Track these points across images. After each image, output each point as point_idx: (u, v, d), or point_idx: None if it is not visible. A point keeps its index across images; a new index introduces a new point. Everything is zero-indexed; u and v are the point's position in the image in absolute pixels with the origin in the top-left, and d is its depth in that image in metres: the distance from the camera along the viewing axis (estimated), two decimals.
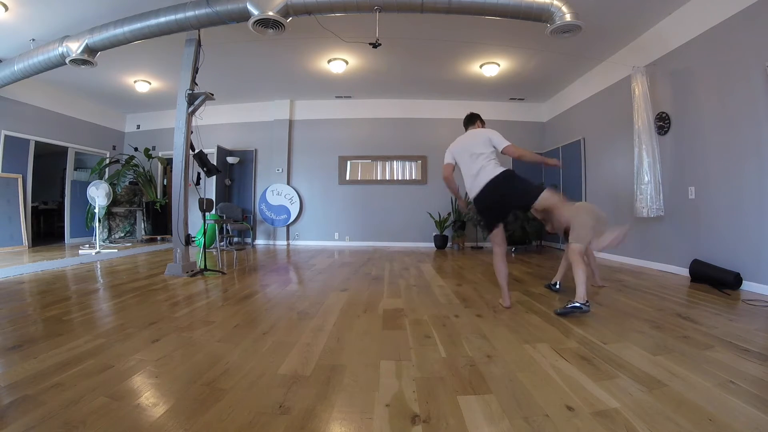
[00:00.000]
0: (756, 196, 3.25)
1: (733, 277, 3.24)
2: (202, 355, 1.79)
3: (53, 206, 8.19)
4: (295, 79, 6.47)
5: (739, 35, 3.38)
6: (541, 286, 3.49)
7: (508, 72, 5.96)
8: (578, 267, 2.49)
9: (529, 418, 1.24)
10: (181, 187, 4.00)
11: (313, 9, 3.59)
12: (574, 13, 3.43)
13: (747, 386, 1.45)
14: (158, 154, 7.96)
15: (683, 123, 4.06)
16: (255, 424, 1.20)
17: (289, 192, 7.60)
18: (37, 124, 6.47)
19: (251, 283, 3.63)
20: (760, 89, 3.19)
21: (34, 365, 1.62)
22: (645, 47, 4.57)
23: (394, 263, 5.05)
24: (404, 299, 2.98)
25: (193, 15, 3.78)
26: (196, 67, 4.15)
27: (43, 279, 3.70)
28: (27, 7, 4.09)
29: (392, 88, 6.95)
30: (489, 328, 2.23)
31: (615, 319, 2.36)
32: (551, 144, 7.29)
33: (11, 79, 4.91)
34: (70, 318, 2.37)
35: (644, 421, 1.21)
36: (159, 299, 2.93)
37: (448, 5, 3.53)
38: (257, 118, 7.81)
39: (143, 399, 1.36)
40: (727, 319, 2.40)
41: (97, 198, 5.88)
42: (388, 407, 1.32)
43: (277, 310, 2.64)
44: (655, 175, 4.21)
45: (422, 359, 1.75)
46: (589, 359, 1.74)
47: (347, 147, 7.68)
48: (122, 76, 6.17)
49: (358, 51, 5.23)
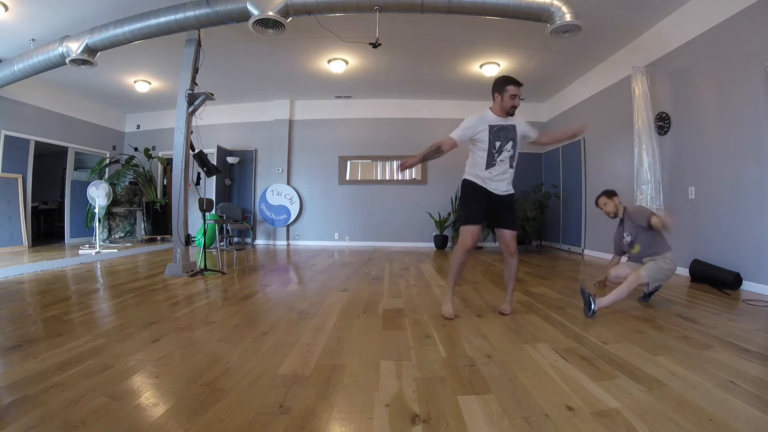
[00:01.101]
0: (756, 196, 3.25)
1: (733, 277, 3.23)
2: (202, 355, 1.79)
3: (53, 206, 8.19)
4: (295, 79, 6.47)
5: (739, 35, 3.38)
6: (540, 285, 3.49)
7: (508, 72, 5.94)
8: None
9: (529, 418, 1.24)
10: (181, 187, 4.00)
11: (313, 9, 3.59)
12: (574, 13, 3.43)
13: (747, 386, 1.45)
14: (158, 154, 7.96)
15: (683, 123, 4.06)
16: (255, 424, 1.20)
17: (289, 192, 7.60)
18: (37, 124, 6.47)
19: (251, 283, 3.63)
20: (760, 89, 3.19)
21: (34, 365, 1.62)
22: (645, 47, 4.57)
23: (394, 263, 5.04)
24: (404, 299, 2.98)
25: (193, 15, 3.78)
26: (196, 67, 4.15)
27: (43, 279, 3.70)
28: (27, 7, 4.09)
29: (392, 88, 6.95)
30: (489, 328, 2.23)
31: (615, 319, 2.36)
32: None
33: (11, 79, 4.91)
34: (70, 318, 2.37)
35: (644, 421, 1.21)
36: (159, 299, 2.93)
37: (448, 5, 3.53)
38: (257, 118, 7.81)
39: (143, 399, 1.36)
40: (727, 319, 2.40)
41: (97, 198, 5.88)
42: (388, 407, 1.32)
43: (277, 310, 2.64)
44: (655, 175, 4.21)
45: (422, 359, 1.75)
46: (589, 359, 1.74)
47: (347, 147, 7.68)
48: (122, 76, 6.17)
49: (358, 51, 5.23)
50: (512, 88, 2.37)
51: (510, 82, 2.39)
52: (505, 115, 2.43)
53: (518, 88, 2.39)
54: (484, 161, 2.43)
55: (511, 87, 2.37)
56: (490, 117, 2.44)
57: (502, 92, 2.40)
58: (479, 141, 2.42)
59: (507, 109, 2.42)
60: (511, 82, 2.39)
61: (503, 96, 2.40)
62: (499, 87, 2.42)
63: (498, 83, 2.44)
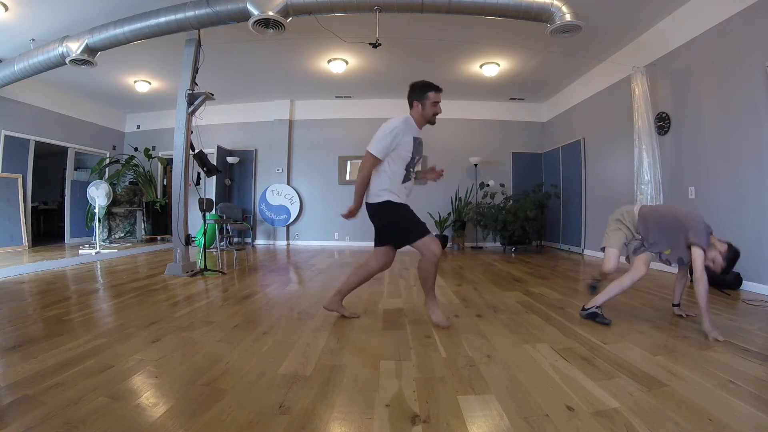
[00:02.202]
0: (756, 196, 3.25)
1: (733, 277, 3.23)
2: (202, 355, 1.79)
3: (53, 206, 8.19)
4: (295, 79, 6.47)
5: (739, 35, 3.38)
6: (540, 285, 3.48)
7: (508, 72, 5.96)
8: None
9: (529, 418, 1.24)
10: (181, 187, 4.00)
11: (313, 9, 3.59)
12: (574, 13, 3.43)
13: (747, 386, 1.45)
14: (158, 154, 7.96)
15: (683, 123, 4.06)
16: (255, 424, 1.20)
17: (289, 192, 7.60)
18: (37, 124, 6.47)
19: (251, 283, 3.63)
20: (760, 89, 3.19)
21: (34, 365, 1.62)
22: (645, 47, 4.57)
23: (394, 263, 5.03)
24: (404, 299, 2.98)
25: (193, 15, 3.78)
26: (196, 67, 4.14)
27: (43, 279, 3.70)
28: (27, 7, 4.09)
29: (392, 88, 6.94)
30: (489, 328, 2.23)
31: (615, 319, 2.36)
32: (551, 144, 7.29)
33: (11, 79, 4.91)
34: (70, 318, 2.37)
35: (644, 421, 1.21)
36: (159, 299, 2.93)
37: (448, 5, 3.53)
38: (257, 118, 7.81)
39: (143, 399, 1.36)
40: (727, 319, 2.40)
41: (97, 198, 5.88)
42: (388, 407, 1.32)
43: (277, 310, 2.64)
44: (655, 175, 4.21)
45: (422, 359, 1.75)
46: (589, 359, 1.74)
47: (347, 147, 7.68)
48: (122, 76, 6.17)
49: (358, 51, 5.23)
50: (434, 94, 2.18)
51: (431, 88, 2.18)
52: (424, 125, 2.24)
53: (439, 94, 2.20)
54: (401, 175, 2.18)
55: (432, 93, 2.17)
56: (413, 126, 2.21)
57: (423, 99, 2.18)
58: (402, 149, 2.13)
59: (429, 118, 2.22)
60: (432, 88, 2.18)
61: (424, 104, 2.18)
62: (418, 94, 2.19)
63: (417, 89, 2.20)
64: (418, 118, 2.22)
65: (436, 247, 2.15)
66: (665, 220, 2.36)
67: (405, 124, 2.16)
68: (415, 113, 2.22)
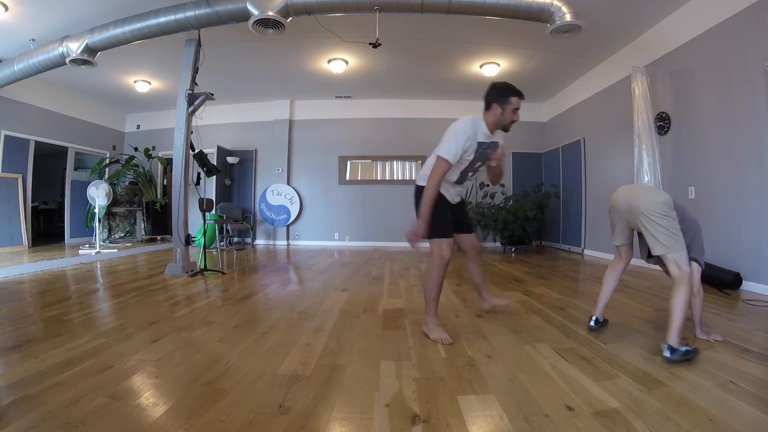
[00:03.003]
0: (756, 195, 3.25)
1: (733, 277, 3.23)
2: (202, 355, 1.79)
3: (53, 206, 8.19)
4: (295, 79, 6.47)
5: (739, 35, 3.38)
6: (540, 285, 3.48)
7: (508, 72, 5.95)
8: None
9: (529, 418, 1.24)
10: (181, 187, 4.00)
11: (313, 9, 3.59)
12: (574, 13, 3.43)
13: (747, 386, 1.45)
14: (158, 154, 7.96)
15: (683, 123, 4.06)
16: (255, 424, 1.20)
17: (289, 192, 7.59)
18: (37, 124, 6.47)
19: (251, 283, 3.63)
20: (760, 89, 3.19)
21: (34, 365, 1.62)
22: (645, 47, 4.57)
23: (394, 263, 5.05)
24: (404, 299, 2.98)
25: (193, 15, 3.78)
26: (196, 67, 4.15)
27: (43, 279, 3.70)
28: (27, 7, 4.09)
29: (392, 88, 6.95)
30: (489, 328, 2.23)
31: (615, 319, 2.36)
32: (551, 144, 7.29)
33: (11, 79, 4.91)
34: (70, 318, 2.37)
35: (644, 421, 1.21)
36: (159, 299, 2.93)
37: (448, 5, 3.53)
38: (257, 118, 7.81)
39: (143, 399, 1.36)
40: (727, 319, 2.40)
41: (97, 198, 5.88)
42: (388, 407, 1.32)
43: (277, 310, 2.64)
44: (655, 175, 4.21)
45: (422, 359, 1.75)
46: (589, 359, 1.74)
47: (347, 147, 7.68)
48: (122, 76, 6.17)
49: (358, 51, 5.22)
50: (516, 100, 1.98)
51: (515, 93, 1.99)
52: (497, 129, 2.06)
53: (521, 101, 2.00)
54: (455, 176, 2.11)
55: (515, 99, 1.98)
56: (483, 129, 2.01)
57: (504, 104, 1.97)
58: (465, 154, 2.00)
59: (506, 124, 2.03)
60: (516, 93, 1.99)
61: (505, 109, 1.98)
62: (500, 97, 1.98)
63: (499, 91, 2.00)
64: (493, 121, 2.01)
65: (447, 253, 2.02)
66: (693, 223, 2.22)
67: (473, 126, 1.98)
68: (491, 116, 2.01)
